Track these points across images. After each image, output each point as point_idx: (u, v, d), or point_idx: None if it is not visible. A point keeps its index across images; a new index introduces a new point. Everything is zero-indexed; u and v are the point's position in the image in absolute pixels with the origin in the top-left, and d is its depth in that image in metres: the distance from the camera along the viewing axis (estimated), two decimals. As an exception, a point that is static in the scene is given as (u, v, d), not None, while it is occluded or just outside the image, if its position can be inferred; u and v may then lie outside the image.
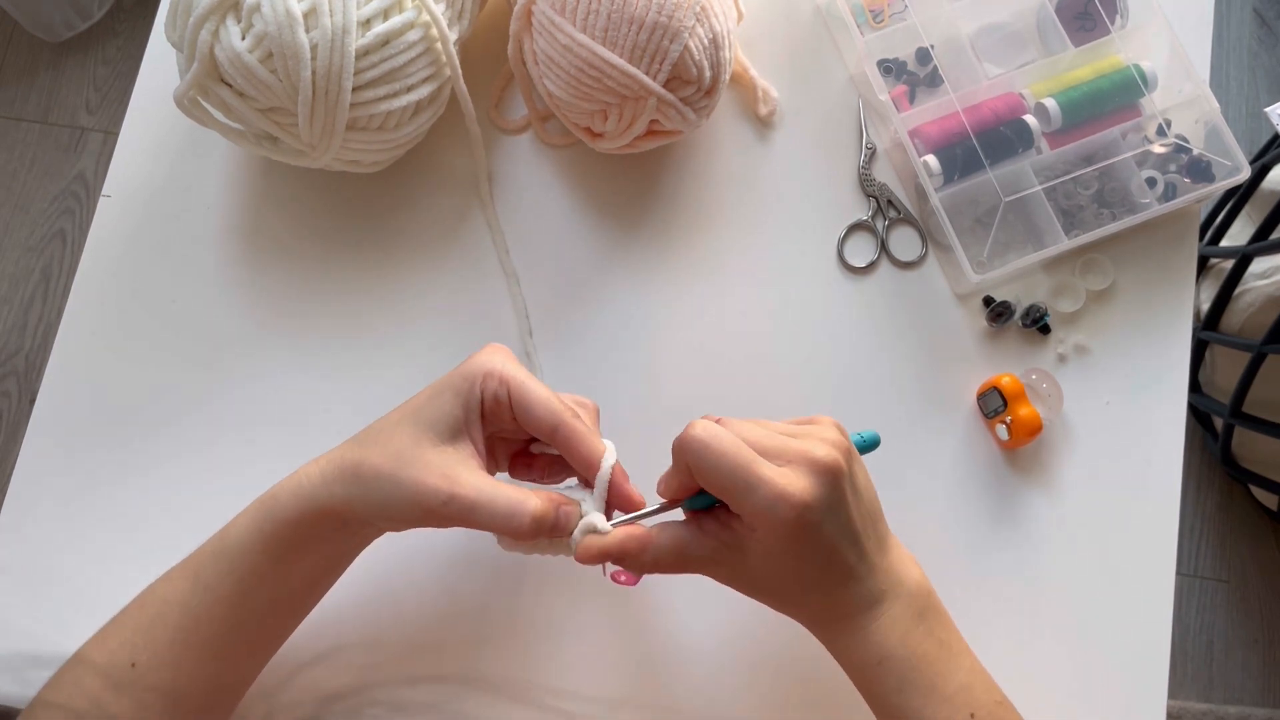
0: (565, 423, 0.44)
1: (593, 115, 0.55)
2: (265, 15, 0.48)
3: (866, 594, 0.43)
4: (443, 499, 0.41)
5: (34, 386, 1.37)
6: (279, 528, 0.44)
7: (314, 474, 0.44)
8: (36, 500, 0.57)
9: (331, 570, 0.48)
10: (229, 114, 0.52)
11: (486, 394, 0.43)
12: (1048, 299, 0.59)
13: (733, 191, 0.61)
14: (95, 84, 1.51)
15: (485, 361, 0.44)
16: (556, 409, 0.44)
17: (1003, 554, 0.56)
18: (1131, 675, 0.54)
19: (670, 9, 0.51)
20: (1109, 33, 0.59)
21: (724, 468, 0.40)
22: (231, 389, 0.58)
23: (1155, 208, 0.57)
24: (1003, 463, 0.57)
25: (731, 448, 0.40)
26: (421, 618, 0.54)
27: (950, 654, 0.44)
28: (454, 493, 0.41)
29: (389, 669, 0.54)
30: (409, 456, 0.42)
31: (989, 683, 0.45)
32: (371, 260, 0.60)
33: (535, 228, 0.60)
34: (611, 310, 0.59)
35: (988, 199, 0.58)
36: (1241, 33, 1.51)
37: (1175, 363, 0.58)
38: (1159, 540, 0.56)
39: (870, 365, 0.58)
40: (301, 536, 0.44)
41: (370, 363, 0.59)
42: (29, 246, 1.44)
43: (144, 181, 0.62)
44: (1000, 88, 0.59)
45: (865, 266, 0.60)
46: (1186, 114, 0.59)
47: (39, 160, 1.47)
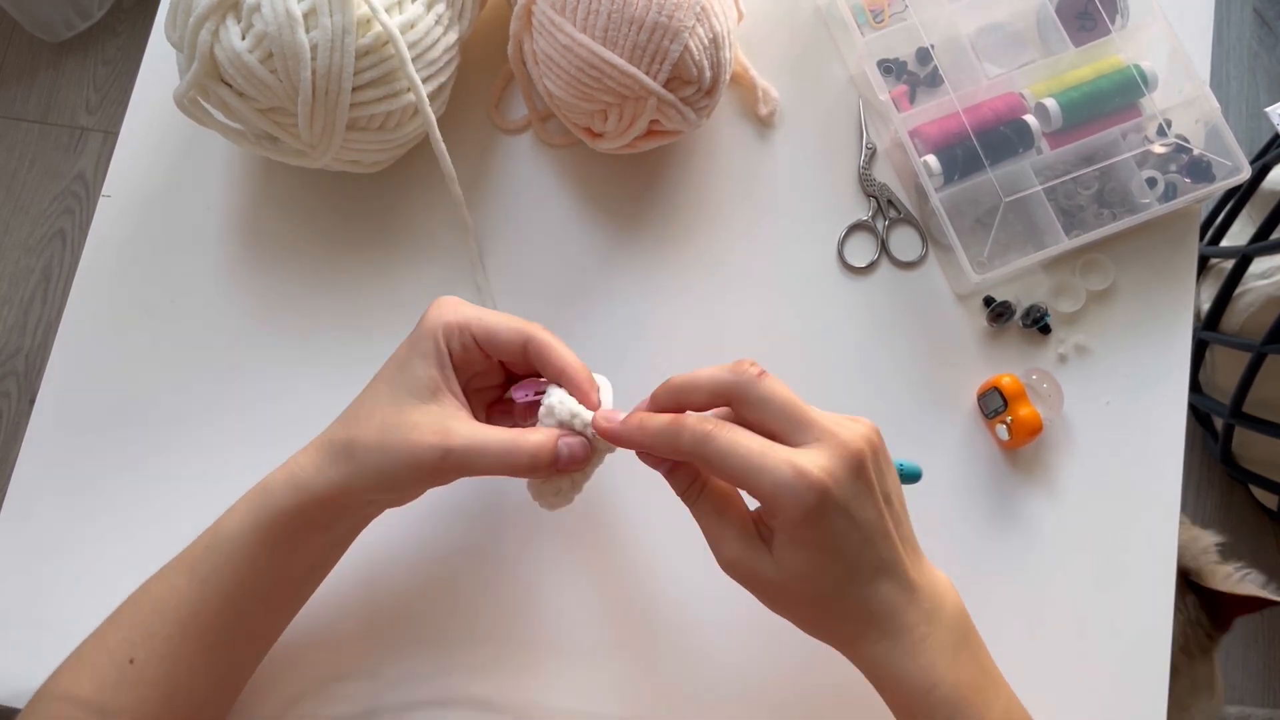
0: (534, 336, 0.45)
1: (593, 115, 0.55)
2: (265, 15, 0.48)
3: (903, 608, 0.41)
4: (439, 454, 0.42)
5: (34, 386, 1.37)
6: (276, 519, 0.44)
7: (306, 463, 0.44)
8: (36, 500, 0.57)
9: (330, 556, 0.48)
10: (229, 114, 0.52)
11: (453, 346, 0.44)
12: (1048, 299, 0.59)
13: (733, 191, 0.61)
14: (95, 84, 1.51)
15: (440, 315, 0.45)
16: (519, 327, 0.45)
17: (1003, 554, 0.56)
18: (1131, 675, 0.54)
19: (670, 9, 0.51)
20: (1109, 33, 0.59)
21: (732, 456, 0.39)
22: (231, 388, 0.58)
23: (1155, 208, 0.57)
24: (1003, 463, 0.57)
25: (737, 441, 0.39)
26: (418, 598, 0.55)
27: (993, 681, 0.42)
28: (449, 445, 0.42)
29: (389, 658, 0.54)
30: (395, 422, 0.43)
31: (1023, 709, 0.44)
32: (371, 260, 0.60)
33: (535, 228, 0.60)
34: (611, 310, 0.59)
35: (988, 199, 0.58)
36: (1241, 33, 1.51)
37: (1175, 363, 0.58)
38: (1159, 540, 0.56)
39: (870, 365, 0.58)
40: (299, 526, 0.44)
41: (370, 361, 0.58)
42: (29, 246, 1.44)
43: (144, 181, 0.62)
44: (1000, 88, 0.59)
45: (865, 266, 0.60)
46: (1187, 114, 0.59)
47: (39, 160, 1.47)
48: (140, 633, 0.44)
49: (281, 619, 0.48)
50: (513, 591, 0.55)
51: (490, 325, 0.45)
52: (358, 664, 0.53)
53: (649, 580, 0.55)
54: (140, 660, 0.43)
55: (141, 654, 0.43)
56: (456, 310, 0.45)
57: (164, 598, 0.44)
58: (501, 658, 0.54)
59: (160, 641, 0.44)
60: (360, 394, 0.46)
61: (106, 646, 0.44)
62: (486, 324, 0.45)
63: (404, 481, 0.43)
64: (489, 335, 0.44)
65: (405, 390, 0.44)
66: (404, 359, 0.45)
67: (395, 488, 0.44)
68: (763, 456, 0.39)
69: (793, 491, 0.38)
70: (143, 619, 0.44)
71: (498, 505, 0.56)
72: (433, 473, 0.42)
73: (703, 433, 0.40)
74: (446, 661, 0.54)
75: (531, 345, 0.45)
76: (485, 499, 0.56)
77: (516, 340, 0.45)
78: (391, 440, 0.42)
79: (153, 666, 0.43)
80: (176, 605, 0.44)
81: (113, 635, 0.45)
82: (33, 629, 0.55)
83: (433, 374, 0.44)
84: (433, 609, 0.54)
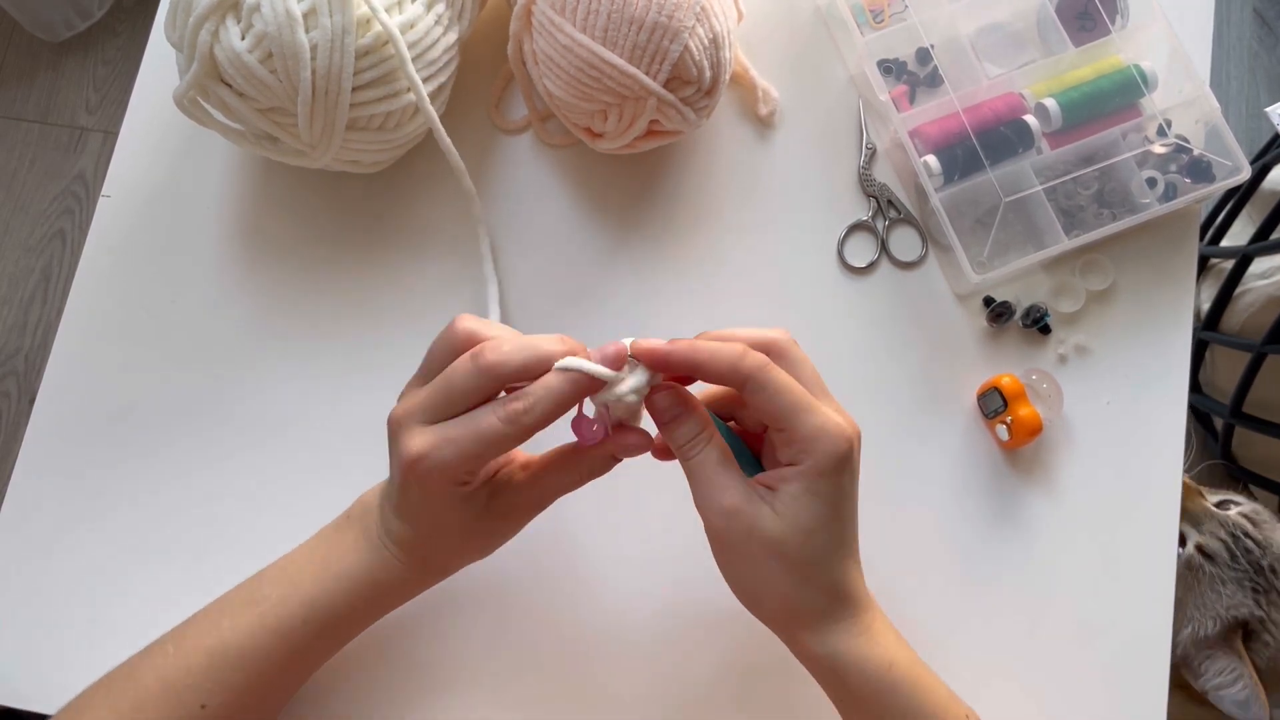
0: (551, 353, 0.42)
1: (593, 115, 0.55)
2: (265, 15, 0.48)
3: (861, 588, 0.44)
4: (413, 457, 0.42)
5: (34, 386, 1.37)
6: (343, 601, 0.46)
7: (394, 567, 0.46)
8: (36, 500, 0.57)
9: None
10: (229, 114, 0.52)
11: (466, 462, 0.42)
12: (1048, 299, 0.59)
13: (733, 192, 0.61)
14: (95, 84, 1.51)
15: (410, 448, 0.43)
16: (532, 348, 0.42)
17: (1003, 554, 0.56)
18: (1131, 675, 0.54)
19: (670, 9, 0.51)
20: (1109, 33, 0.59)
21: (787, 387, 0.40)
22: (232, 388, 0.58)
23: (1155, 208, 0.57)
24: (1003, 463, 0.57)
25: (792, 381, 0.41)
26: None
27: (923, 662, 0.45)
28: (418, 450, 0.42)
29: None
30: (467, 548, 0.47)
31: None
32: (371, 260, 0.60)
33: (535, 228, 0.60)
34: (612, 310, 0.59)
35: (988, 199, 0.58)
36: (1241, 33, 1.51)
37: (1175, 363, 0.58)
38: (1159, 540, 0.56)
39: (870, 365, 0.58)
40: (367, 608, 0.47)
41: (370, 362, 0.59)
42: (29, 246, 1.44)
43: (144, 181, 0.62)
44: (1000, 88, 0.59)
45: (865, 267, 0.60)
46: (1187, 114, 0.59)
47: (39, 160, 1.47)
48: (214, 681, 0.45)
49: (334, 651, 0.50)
50: (513, 592, 0.55)
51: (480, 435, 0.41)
52: (355, 663, 0.54)
53: (650, 585, 0.55)
54: (213, 708, 0.44)
55: (215, 703, 0.45)
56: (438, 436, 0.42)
57: (236, 645, 0.46)
58: (503, 659, 0.54)
59: (236, 694, 0.45)
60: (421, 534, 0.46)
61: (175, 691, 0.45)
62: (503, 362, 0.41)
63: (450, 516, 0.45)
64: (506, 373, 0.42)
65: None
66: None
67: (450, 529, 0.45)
68: (810, 399, 0.41)
69: (830, 437, 0.40)
70: (216, 668, 0.45)
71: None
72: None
73: (763, 360, 0.41)
74: (446, 669, 0.54)
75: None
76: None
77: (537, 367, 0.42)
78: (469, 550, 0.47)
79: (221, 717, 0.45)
80: (251, 654, 0.45)
81: (182, 683, 0.45)
82: (33, 629, 0.55)
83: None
84: (435, 604, 0.54)
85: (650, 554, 0.55)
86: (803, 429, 0.40)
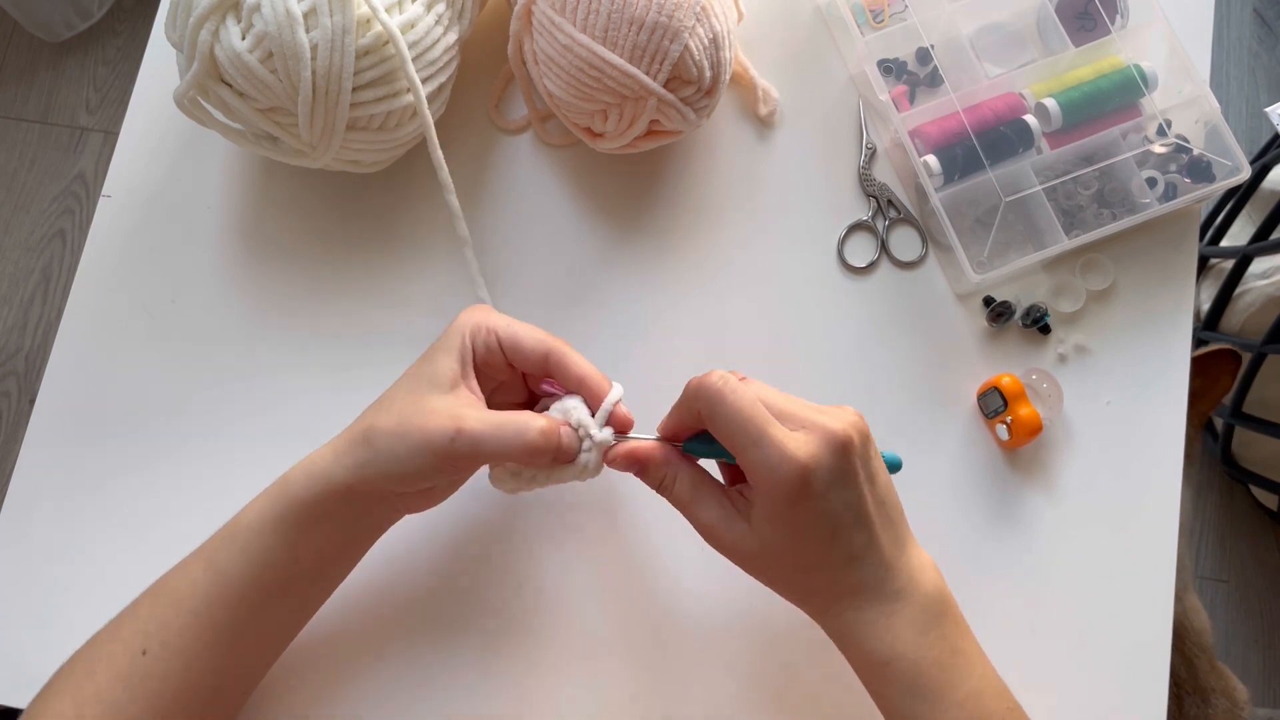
0: (554, 348, 0.46)
1: (593, 115, 0.55)
2: (265, 15, 0.48)
3: (875, 585, 0.42)
4: (450, 435, 0.43)
5: (34, 386, 1.37)
6: (290, 508, 0.44)
7: (326, 453, 0.45)
8: (36, 500, 0.57)
9: (346, 552, 0.48)
10: (229, 114, 0.52)
11: (478, 346, 0.46)
12: (1048, 299, 0.59)
13: (733, 191, 0.61)
14: (95, 84, 1.51)
15: (469, 317, 0.47)
16: (543, 338, 0.47)
17: (1003, 554, 0.56)
18: (1131, 675, 0.54)
19: (670, 9, 0.51)
20: (1109, 33, 0.59)
21: (735, 419, 0.41)
22: (232, 388, 0.58)
23: (1155, 208, 0.57)
24: (1003, 463, 0.57)
25: (747, 403, 0.41)
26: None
27: (964, 661, 0.43)
28: (460, 427, 0.43)
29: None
30: (413, 410, 0.44)
31: (1001, 689, 0.44)
32: (371, 260, 0.60)
33: (535, 228, 0.60)
34: (611, 310, 0.59)
35: (988, 199, 0.58)
36: (1241, 33, 1.51)
37: (1175, 363, 0.58)
38: (1159, 540, 0.56)
39: (870, 365, 0.58)
40: (315, 517, 0.45)
41: (370, 361, 0.58)
42: (29, 246, 1.44)
43: (144, 181, 0.62)
44: (1000, 88, 0.59)
45: (865, 266, 0.60)
46: (1186, 114, 0.59)
47: (39, 160, 1.47)
48: (155, 624, 0.44)
49: (296, 617, 0.48)
50: (513, 594, 0.55)
51: (516, 332, 0.47)
52: (361, 665, 0.54)
53: (651, 585, 0.55)
54: (153, 652, 0.43)
55: (155, 645, 0.44)
56: (486, 314, 0.47)
57: (180, 588, 0.45)
58: (502, 660, 0.54)
59: (174, 633, 0.44)
60: (386, 389, 0.47)
61: (121, 637, 0.45)
62: (513, 330, 0.47)
63: (418, 467, 0.43)
64: (513, 341, 0.46)
65: (426, 382, 0.45)
66: (429, 354, 0.46)
67: (410, 475, 0.44)
68: (761, 431, 0.40)
69: (774, 474, 0.40)
70: (159, 610, 0.45)
71: (506, 505, 0.56)
72: (446, 456, 0.43)
73: (716, 390, 0.42)
74: (449, 669, 0.54)
75: (552, 355, 0.46)
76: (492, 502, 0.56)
77: (539, 350, 0.46)
78: (406, 425, 0.43)
79: (165, 659, 0.43)
80: (191, 596, 0.44)
81: (128, 626, 0.45)
82: (33, 629, 0.55)
83: (454, 368, 0.45)
84: (439, 608, 0.54)
85: (650, 554, 0.55)
86: (748, 464, 0.41)
